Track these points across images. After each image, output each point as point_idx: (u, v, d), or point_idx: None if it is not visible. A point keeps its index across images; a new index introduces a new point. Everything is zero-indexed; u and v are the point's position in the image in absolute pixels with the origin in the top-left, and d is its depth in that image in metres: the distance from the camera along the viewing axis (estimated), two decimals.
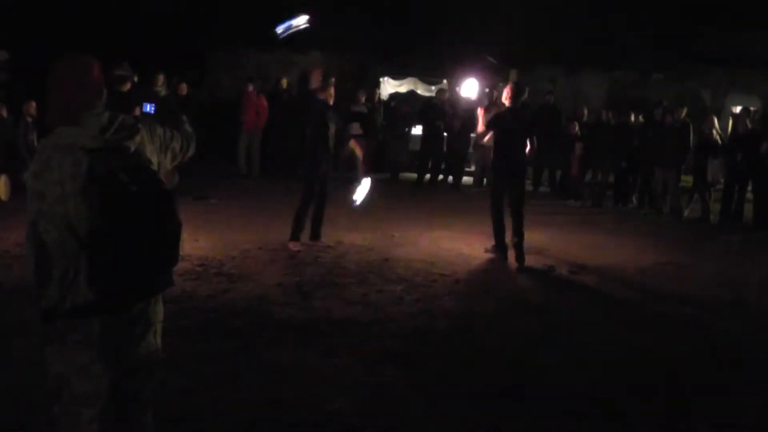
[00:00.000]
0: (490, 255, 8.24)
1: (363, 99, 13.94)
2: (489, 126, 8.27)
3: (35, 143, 10.49)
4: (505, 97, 8.11)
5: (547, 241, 9.31)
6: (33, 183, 2.54)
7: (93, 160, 2.47)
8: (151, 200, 2.52)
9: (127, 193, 2.46)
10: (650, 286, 7.46)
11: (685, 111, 12.21)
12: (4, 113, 10.46)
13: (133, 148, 2.58)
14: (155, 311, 2.73)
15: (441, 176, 14.26)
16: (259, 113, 13.63)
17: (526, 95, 8.16)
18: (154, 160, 2.72)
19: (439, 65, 16.67)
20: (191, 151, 3.05)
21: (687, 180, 12.27)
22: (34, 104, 10.65)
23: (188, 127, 3.12)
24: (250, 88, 13.80)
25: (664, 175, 11.85)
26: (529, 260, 8.12)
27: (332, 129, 8.07)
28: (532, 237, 9.49)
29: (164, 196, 2.57)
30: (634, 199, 12.80)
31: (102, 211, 2.44)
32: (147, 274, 2.58)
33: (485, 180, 13.96)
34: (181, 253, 2.74)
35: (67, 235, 2.47)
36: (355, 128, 13.17)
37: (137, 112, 8.77)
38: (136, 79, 12.77)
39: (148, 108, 3.54)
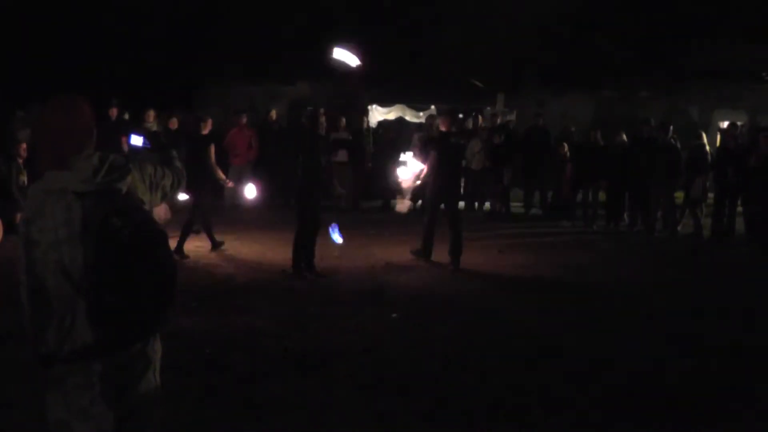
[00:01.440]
0: (483, 280, 8.33)
1: (344, 125, 14.00)
2: (426, 149, 9.29)
3: (26, 184, 10.54)
4: (442, 124, 9.28)
5: (541, 263, 9.38)
6: (25, 230, 2.53)
7: (85, 204, 2.46)
8: (146, 242, 2.50)
9: (121, 237, 2.44)
10: (647, 303, 7.53)
11: (671, 128, 12.34)
12: None
13: (124, 190, 2.56)
14: (154, 349, 2.73)
15: None
16: (252, 145, 13.61)
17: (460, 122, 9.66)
18: (146, 198, 2.71)
19: (426, 91, 16.84)
20: (180, 189, 3.02)
21: (679, 196, 12.37)
22: (24, 145, 10.71)
23: (178, 163, 3.12)
24: (243, 120, 13.69)
25: (657, 192, 11.94)
26: (525, 282, 8.21)
27: (322, 159, 8.19)
28: (526, 259, 9.60)
29: (158, 237, 2.55)
30: (626, 217, 12.89)
31: (96, 256, 2.42)
32: (145, 315, 2.57)
33: (476, 204, 14.07)
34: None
35: (62, 280, 2.47)
36: (341, 155, 13.28)
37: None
38: (126, 116, 12.92)
39: (134, 139, 3.46)
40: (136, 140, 3.23)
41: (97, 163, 2.54)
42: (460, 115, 16.08)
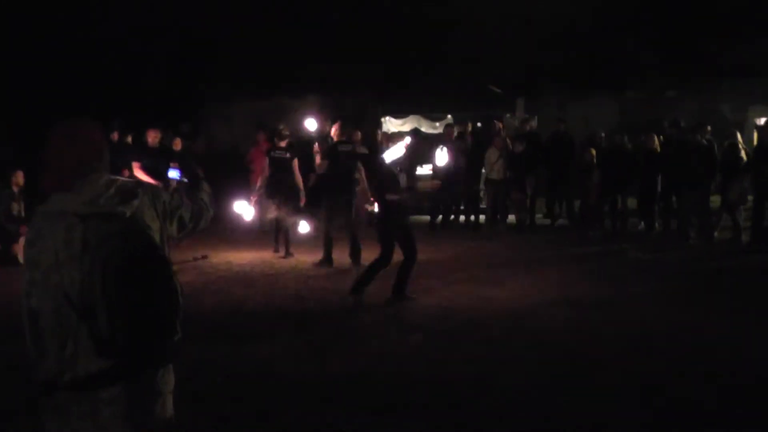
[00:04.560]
0: (508, 296, 8.29)
1: (359, 138, 13.95)
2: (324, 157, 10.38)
3: (22, 213, 10.65)
4: (334, 133, 10.44)
5: (570, 277, 9.31)
6: (27, 251, 2.59)
7: (86, 226, 2.50)
8: (144, 267, 2.51)
9: (119, 260, 2.45)
10: (680, 319, 7.34)
11: (708, 128, 12.20)
12: None
13: (128, 213, 2.58)
14: (164, 381, 2.72)
15: (453, 216, 14.27)
16: None
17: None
18: (155, 225, 2.71)
19: (442, 100, 16.84)
20: (203, 223, 3.05)
21: (714, 200, 12.25)
22: (21, 174, 10.81)
23: (206, 197, 3.14)
24: (262, 136, 13.47)
25: (690, 196, 11.81)
26: (554, 298, 8.13)
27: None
28: (554, 272, 9.51)
29: (158, 264, 2.56)
30: (658, 224, 12.77)
31: (94, 279, 2.45)
32: (147, 345, 2.54)
33: (499, 217, 13.98)
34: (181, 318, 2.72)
35: (63, 305, 2.49)
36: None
37: (125, 173, 9.09)
38: (129, 139, 13.01)
39: (172, 172, 3.59)
40: (174, 173, 3.28)
41: (103, 186, 2.59)
42: (479, 124, 16.10)
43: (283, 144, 11.04)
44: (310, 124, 11.89)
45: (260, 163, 13.24)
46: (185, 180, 3.20)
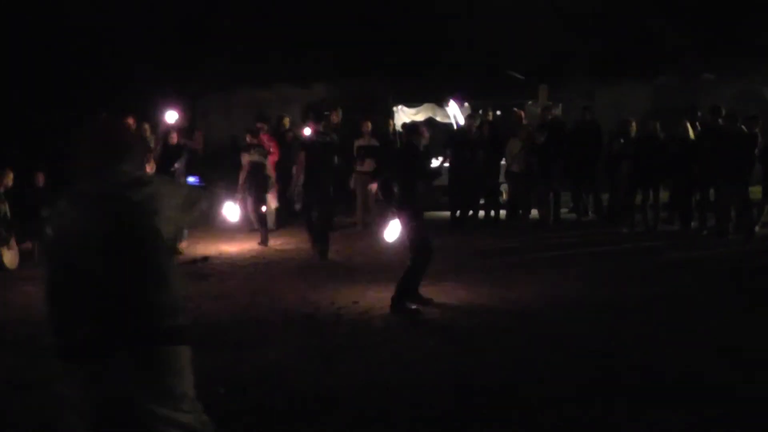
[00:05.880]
0: (531, 298, 8.30)
1: (369, 130, 13.89)
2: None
3: (8, 215, 10.73)
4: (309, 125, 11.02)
5: (598, 277, 9.30)
6: (49, 229, 3.03)
7: (98, 205, 2.93)
8: (141, 247, 2.91)
9: (119, 238, 2.88)
10: (719, 323, 7.27)
11: (761, 123, 12.04)
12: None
13: (135, 198, 2.95)
14: (179, 358, 3.05)
15: (472, 211, 14.25)
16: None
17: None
18: (169, 214, 3.05)
19: (458, 87, 16.82)
20: (208, 207, 3.65)
21: (755, 191, 12.17)
22: (11, 174, 10.91)
23: (215, 190, 3.71)
24: (263, 128, 13.43)
25: (728, 189, 11.75)
26: (580, 300, 8.12)
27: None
28: (581, 272, 9.50)
29: (154, 246, 2.93)
30: (694, 220, 12.71)
31: (94, 254, 2.86)
32: (141, 319, 2.88)
33: (520, 211, 13.95)
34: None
35: (69, 276, 2.90)
36: (368, 165, 13.24)
37: None
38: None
39: (191, 179, 4.41)
40: (192, 180, 3.92)
41: (121, 173, 3.03)
42: (498, 112, 16.07)
43: (257, 140, 12.01)
44: (170, 117, 12.50)
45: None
46: (201, 185, 3.68)
